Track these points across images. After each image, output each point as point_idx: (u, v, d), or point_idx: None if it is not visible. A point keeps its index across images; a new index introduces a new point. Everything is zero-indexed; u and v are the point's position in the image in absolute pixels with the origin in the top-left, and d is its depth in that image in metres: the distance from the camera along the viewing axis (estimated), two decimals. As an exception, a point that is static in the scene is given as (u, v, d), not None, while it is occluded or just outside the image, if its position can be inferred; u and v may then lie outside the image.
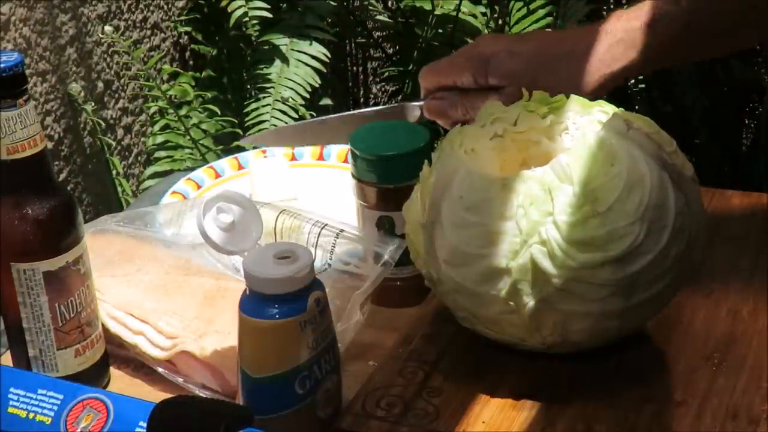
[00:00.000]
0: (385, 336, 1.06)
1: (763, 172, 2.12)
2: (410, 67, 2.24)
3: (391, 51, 2.43)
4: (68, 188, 1.78)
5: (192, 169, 1.57)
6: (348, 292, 1.02)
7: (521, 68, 1.04)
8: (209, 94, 2.01)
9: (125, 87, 1.98)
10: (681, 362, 1.00)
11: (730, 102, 2.39)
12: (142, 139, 2.03)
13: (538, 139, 1.02)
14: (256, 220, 0.97)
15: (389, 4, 2.46)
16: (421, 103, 1.20)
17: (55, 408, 0.90)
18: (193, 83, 2.05)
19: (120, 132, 1.98)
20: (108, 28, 1.88)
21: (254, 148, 1.37)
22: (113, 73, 1.95)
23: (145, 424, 0.84)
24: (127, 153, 2.00)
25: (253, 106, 1.99)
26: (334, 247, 1.06)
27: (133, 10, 1.99)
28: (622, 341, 0.99)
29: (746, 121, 2.48)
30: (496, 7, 2.21)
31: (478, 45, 1.18)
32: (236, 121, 1.99)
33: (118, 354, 1.06)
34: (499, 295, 0.93)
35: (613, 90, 1.19)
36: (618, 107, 1.02)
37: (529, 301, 0.92)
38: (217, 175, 1.34)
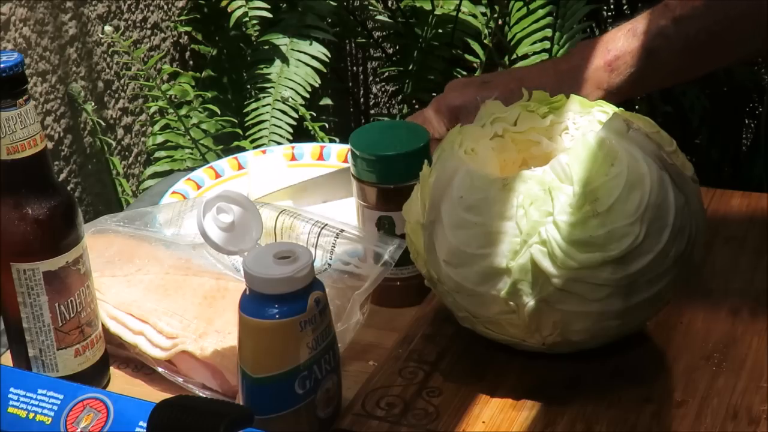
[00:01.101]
0: (385, 336, 1.06)
1: (763, 172, 2.11)
2: (410, 67, 2.24)
3: (391, 51, 2.42)
4: (68, 188, 1.77)
5: (192, 169, 1.57)
6: (348, 292, 1.02)
7: None
8: (209, 94, 2.01)
9: (125, 87, 1.98)
10: (681, 362, 0.99)
11: (730, 102, 2.39)
12: (142, 139, 2.02)
13: (538, 139, 1.02)
14: (256, 220, 0.97)
15: (389, 4, 2.46)
16: None
17: (55, 408, 0.90)
18: (193, 83, 2.04)
19: (120, 132, 1.98)
20: (108, 28, 1.88)
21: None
22: (113, 73, 1.95)
23: (145, 424, 0.84)
24: (127, 153, 2.00)
25: (253, 106, 1.98)
26: (334, 247, 1.06)
27: (133, 10, 1.98)
28: (622, 341, 0.99)
29: (746, 122, 2.48)
30: (496, 7, 2.20)
31: (447, 96, 1.20)
32: (236, 121, 1.99)
33: (118, 354, 1.06)
34: (499, 295, 0.93)
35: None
36: (618, 107, 1.02)
37: (529, 301, 0.92)
38: (217, 175, 1.34)
